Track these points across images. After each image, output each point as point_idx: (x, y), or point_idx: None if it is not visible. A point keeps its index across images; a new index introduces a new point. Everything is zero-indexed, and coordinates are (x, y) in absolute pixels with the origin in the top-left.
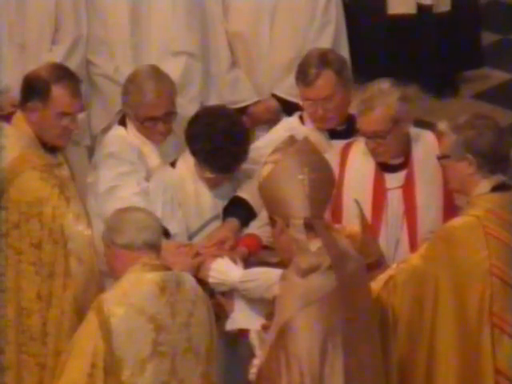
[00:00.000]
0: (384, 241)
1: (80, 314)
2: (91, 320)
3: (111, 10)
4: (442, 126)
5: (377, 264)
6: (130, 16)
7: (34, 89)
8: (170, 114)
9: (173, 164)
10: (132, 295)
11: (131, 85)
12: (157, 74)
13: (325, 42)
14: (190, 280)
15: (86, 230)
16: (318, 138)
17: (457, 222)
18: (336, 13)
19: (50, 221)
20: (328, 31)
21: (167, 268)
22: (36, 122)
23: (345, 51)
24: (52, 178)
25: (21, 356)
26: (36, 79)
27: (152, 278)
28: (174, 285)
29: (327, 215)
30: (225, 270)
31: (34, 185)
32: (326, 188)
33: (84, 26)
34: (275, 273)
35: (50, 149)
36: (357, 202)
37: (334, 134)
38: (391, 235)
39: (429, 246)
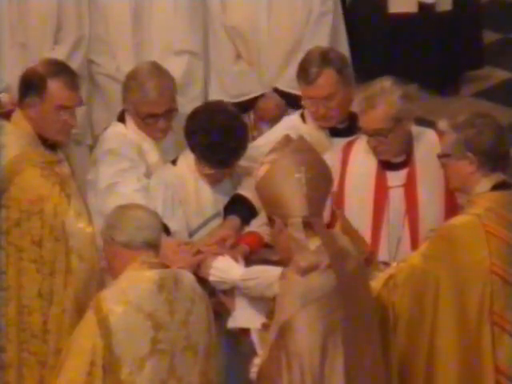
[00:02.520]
0: (385, 239)
1: (81, 312)
2: (90, 318)
3: (113, 9)
4: (442, 124)
5: (366, 262)
6: (132, 15)
7: (30, 84)
8: (170, 111)
9: (174, 162)
10: (130, 293)
11: (132, 82)
12: (158, 71)
13: (323, 34)
14: (188, 278)
15: (87, 228)
16: (319, 136)
17: (457, 220)
18: (333, 4)
19: (51, 218)
20: (326, 22)
21: (165, 266)
22: (35, 117)
23: (343, 45)
24: (53, 176)
25: (22, 354)
26: (32, 75)
27: (150, 275)
28: (172, 283)
29: (327, 214)
30: (226, 269)
31: (35, 182)
32: (323, 186)
33: (86, 26)
34: (276, 271)
35: (50, 146)
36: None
37: (335, 132)
38: (393, 233)
39: (429, 244)
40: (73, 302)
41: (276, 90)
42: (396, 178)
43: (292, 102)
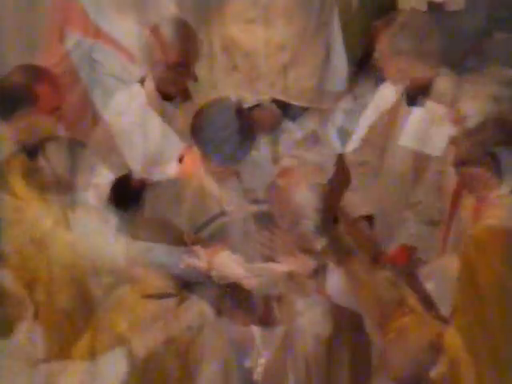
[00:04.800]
0: None
1: (65, 321)
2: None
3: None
4: (454, 130)
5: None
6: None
7: (17, 98)
8: (182, 66)
9: (180, 160)
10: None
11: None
12: (181, 21)
13: (321, 44)
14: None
15: (67, 234)
16: None
17: (481, 229)
18: (331, 15)
19: (30, 227)
20: (324, 33)
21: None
22: (27, 127)
23: (341, 55)
24: (33, 183)
25: None
26: (15, 88)
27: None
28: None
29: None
30: (228, 264)
31: (16, 190)
32: (336, 193)
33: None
34: (280, 268)
35: (30, 153)
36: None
37: None
38: None
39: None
40: (57, 310)
41: (273, 101)
42: None
43: (289, 112)
